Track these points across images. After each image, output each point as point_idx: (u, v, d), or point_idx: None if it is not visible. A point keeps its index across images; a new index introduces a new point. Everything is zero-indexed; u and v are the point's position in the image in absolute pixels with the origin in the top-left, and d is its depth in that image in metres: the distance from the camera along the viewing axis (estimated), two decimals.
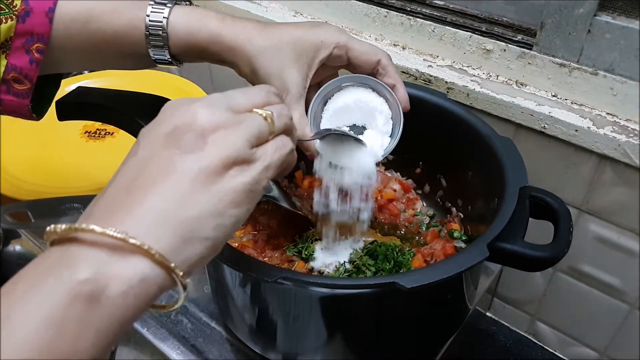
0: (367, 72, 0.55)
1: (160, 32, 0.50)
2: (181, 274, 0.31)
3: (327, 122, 0.57)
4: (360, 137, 0.55)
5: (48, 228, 0.30)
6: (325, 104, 0.57)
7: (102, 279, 0.28)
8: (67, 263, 0.29)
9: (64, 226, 0.29)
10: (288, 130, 0.39)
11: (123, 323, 0.29)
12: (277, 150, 0.37)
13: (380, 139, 0.56)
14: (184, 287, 0.32)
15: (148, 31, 0.50)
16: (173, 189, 0.31)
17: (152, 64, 0.54)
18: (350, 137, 0.54)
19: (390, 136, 0.56)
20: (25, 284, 0.28)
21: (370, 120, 0.56)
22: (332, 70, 0.57)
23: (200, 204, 0.32)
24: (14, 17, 0.47)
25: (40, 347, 0.26)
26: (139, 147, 0.34)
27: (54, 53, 0.50)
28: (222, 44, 0.51)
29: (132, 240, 0.29)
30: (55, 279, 0.28)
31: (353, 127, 0.57)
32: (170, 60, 0.53)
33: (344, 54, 0.53)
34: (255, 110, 0.37)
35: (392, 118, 0.56)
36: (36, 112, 0.55)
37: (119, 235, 0.29)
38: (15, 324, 0.26)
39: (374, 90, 0.56)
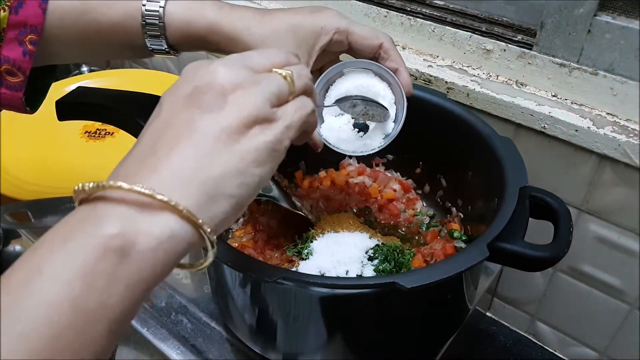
0: (369, 57, 0.54)
1: (157, 22, 0.50)
2: (209, 230, 0.31)
3: (330, 108, 0.56)
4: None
5: (76, 187, 0.30)
6: (327, 90, 0.56)
7: (131, 234, 0.28)
8: (96, 219, 0.29)
9: (91, 184, 0.30)
10: (308, 91, 0.39)
11: (152, 279, 0.29)
12: (298, 110, 0.36)
13: (380, 132, 0.56)
14: (212, 245, 0.32)
15: (144, 21, 0.50)
16: (196, 148, 0.32)
17: (149, 54, 0.53)
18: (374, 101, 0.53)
19: (394, 121, 0.56)
20: (55, 239, 0.28)
21: None
22: (333, 55, 0.56)
23: (224, 163, 0.32)
24: (6, 8, 0.47)
25: (73, 300, 0.26)
26: (161, 109, 0.34)
27: (48, 45, 0.50)
28: (221, 33, 0.51)
29: (159, 197, 0.29)
30: (84, 234, 0.28)
31: None
32: (167, 50, 0.52)
33: (344, 39, 0.53)
34: (274, 70, 0.37)
35: (395, 102, 0.55)
36: (30, 105, 0.54)
37: (146, 192, 0.29)
38: (47, 277, 0.27)
39: (376, 74, 0.55)
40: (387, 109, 0.54)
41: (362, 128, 0.57)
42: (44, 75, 0.55)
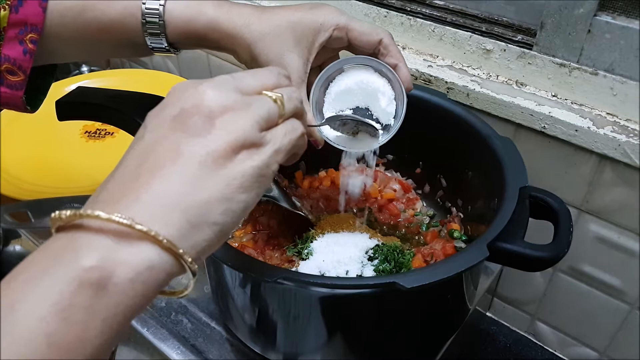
0: (369, 53, 0.54)
1: (157, 20, 0.50)
2: (190, 260, 0.30)
3: (330, 105, 0.56)
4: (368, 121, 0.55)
5: (53, 214, 0.29)
6: (327, 87, 0.56)
7: (108, 266, 0.28)
8: (73, 250, 0.28)
9: (69, 212, 0.29)
10: (298, 114, 0.38)
11: (131, 311, 0.29)
12: (288, 134, 0.36)
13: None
14: (194, 274, 0.31)
15: (144, 19, 0.50)
16: (180, 173, 0.31)
17: (149, 52, 0.53)
18: (364, 122, 0.53)
19: (394, 117, 0.56)
20: (31, 271, 0.28)
21: (373, 102, 0.55)
22: (332, 52, 0.56)
23: (209, 189, 0.31)
24: (6, 6, 0.47)
25: (48, 336, 0.26)
26: (145, 131, 0.33)
27: (48, 43, 0.50)
28: (221, 31, 0.51)
29: (138, 227, 0.28)
30: (61, 266, 0.27)
31: (356, 109, 0.56)
32: (167, 48, 0.52)
33: (344, 35, 0.53)
34: (264, 92, 0.36)
35: (395, 99, 0.55)
36: (30, 104, 0.54)
37: (125, 222, 0.28)
38: (22, 312, 0.26)
39: (376, 70, 0.55)
40: (377, 129, 0.54)
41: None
42: (45, 74, 0.55)
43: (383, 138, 0.56)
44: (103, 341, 0.27)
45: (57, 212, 0.29)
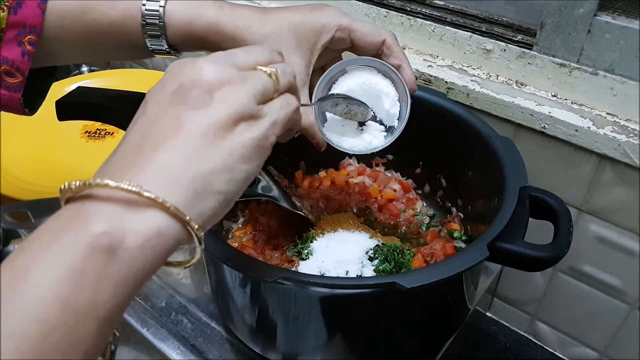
0: (372, 54, 0.54)
1: (157, 22, 0.50)
2: (196, 227, 0.31)
3: (332, 107, 0.56)
4: (367, 125, 0.55)
5: (62, 186, 0.30)
6: (329, 89, 0.56)
7: (118, 232, 0.28)
8: (83, 218, 0.29)
9: (78, 182, 0.30)
10: (293, 89, 0.39)
11: (141, 276, 0.29)
12: (283, 107, 0.37)
13: (381, 133, 0.56)
14: (200, 241, 0.32)
15: (144, 21, 0.50)
16: (183, 145, 0.32)
17: (149, 54, 0.53)
18: (355, 100, 0.53)
19: (397, 118, 0.55)
20: (43, 239, 0.28)
21: (376, 103, 0.55)
22: (335, 53, 0.56)
23: (211, 159, 0.32)
24: (5, 8, 0.46)
25: (62, 300, 0.26)
26: (146, 107, 0.34)
27: (48, 45, 0.49)
28: (222, 33, 0.50)
29: (146, 194, 0.29)
30: (72, 233, 0.28)
31: None
32: (168, 50, 0.52)
33: (346, 36, 0.53)
34: (259, 67, 0.37)
35: (398, 100, 0.55)
36: (29, 106, 0.54)
37: (133, 189, 0.29)
38: (35, 278, 0.27)
39: (379, 71, 0.55)
40: (368, 106, 0.54)
41: (364, 125, 0.57)
42: (44, 76, 0.55)
43: (387, 140, 0.56)
44: (114, 305, 0.28)
45: (66, 184, 0.30)
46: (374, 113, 0.56)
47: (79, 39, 0.51)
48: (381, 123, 0.56)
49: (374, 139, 0.56)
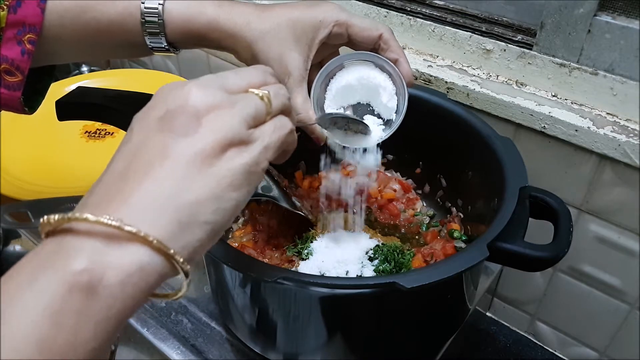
0: (369, 48, 0.54)
1: (156, 19, 0.50)
2: (181, 260, 0.30)
3: (331, 102, 0.56)
4: (364, 119, 0.54)
5: (42, 219, 0.29)
6: (327, 84, 0.56)
7: (98, 269, 0.27)
8: (62, 254, 0.28)
9: (57, 216, 0.28)
10: (286, 111, 0.38)
11: (123, 313, 0.28)
12: (276, 130, 0.36)
13: (379, 127, 0.56)
14: (186, 274, 0.31)
15: (144, 18, 0.49)
16: (168, 173, 0.30)
17: (148, 52, 0.53)
18: (355, 119, 0.53)
19: (395, 112, 0.56)
20: (20, 277, 0.27)
21: (374, 97, 0.55)
22: (332, 48, 0.56)
23: (198, 188, 0.31)
24: (4, 7, 0.46)
25: (40, 341, 0.25)
26: (132, 133, 0.33)
27: (47, 44, 0.49)
28: (221, 30, 0.50)
29: (127, 228, 0.28)
30: (51, 270, 0.27)
31: (357, 105, 0.56)
32: (167, 47, 0.52)
33: (344, 31, 0.53)
34: (251, 90, 0.36)
35: (396, 93, 0.55)
36: (28, 105, 0.54)
37: (113, 223, 0.28)
38: (12, 319, 0.26)
39: (376, 66, 0.55)
40: (368, 126, 0.54)
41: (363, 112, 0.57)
42: (43, 75, 0.55)
43: (385, 133, 0.56)
44: (96, 345, 0.27)
45: (45, 217, 0.29)
46: (372, 107, 0.56)
47: (78, 38, 0.51)
48: (379, 117, 0.56)
49: (372, 132, 0.56)
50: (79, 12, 0.49)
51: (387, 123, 0.56)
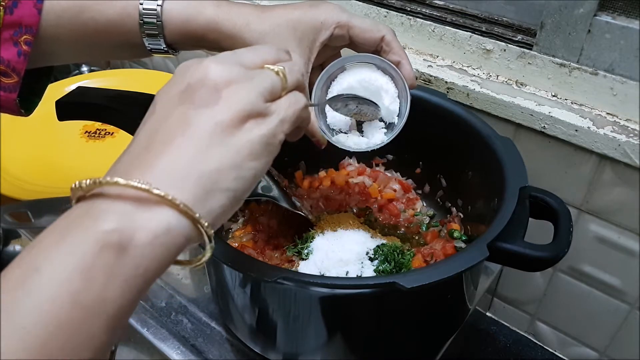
0: (371, 50, 0.54)
1: (155, 21, 0.49)
2: (206, 224, 0.31)
3: (342, 107, 0.56)
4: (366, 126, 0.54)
5: (73, 185, 0.30)
6: (329, 86, 0.56)
7: (128, 230, 0.29)
8: (93, 215, 0.29)
9: (89, 181, 0.30)
10: (300, 87, 0.40)
11: (150, 273, 0.30)
12: (291, 105, 0.37)
13: (381, 131, 0.56)
14: (209, 238, 0.32)
15: (142, 19, 0.49)
16: (191, 143, 0.32)
17: (147, 53, 0.53)
18: (365, 99, 0.53)
19: (397, 115, 0.55)
20: (53, 236, 0.29)
21: (376, 100, 0.54)
22: (334, 50, 0.56)
23: (219, 157, 0.32)
24: (1, 8, 0.46)
25: (71, 296, 0.27)
26: (155, 107, 0.35)
27: (44, 45, 0.49)
28: (220, 31, 0.50)
29: (156, 191, 0.29)
30: (82, 230, 0.28)
31: None
32: (166, 49, 0.52)
33: (345, 33, 0.52)
34: (266, 66, 0.37)
35: (398, 96, 0.55)
36: (25, 107, 0.53)
37: (143, 186, 0.29)
38: (45, 274, 0.27)
39: (378, 68, 0.55)
40: (378, 106, 0.54)
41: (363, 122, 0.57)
42: (40, 76, 0.54)
43: (387, 137, 0.56)
44: (124, 301, 0.29)
45: (77, 182, 0.30)
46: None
47: (76, 39, 0.50)
48: (381, 120, 0.56)
49: (374, 136, 0.56)
50: (76, 12, 0.49)
51: (388, 127, 0.56)
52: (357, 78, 0.54)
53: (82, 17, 0.49)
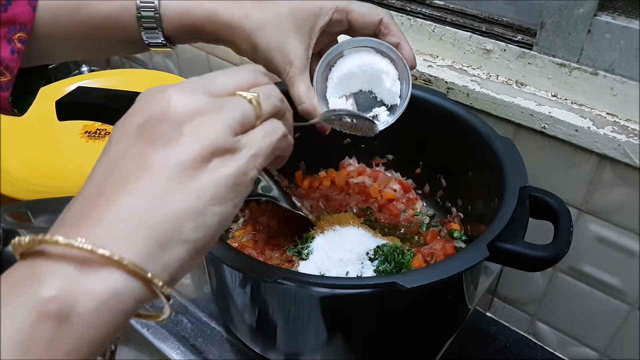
0: (370, 34, 0.54)
1: (153, 14, 0.49)
2: (160, 283, 0.28)
3: (333, 90, 0.56)
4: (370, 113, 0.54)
5: (13, 240, 0.27)
6: (328, 73, 0.56)
7: (70, 296, 0.26)
8: (33, 279, 0.26)
9: (27, 238, 0.27)
10: (279, 113, 0.35)
11: (97, 341, 0.27)
12: (267, 136, 0.33)
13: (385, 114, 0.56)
14: (167, 298, 0.29)
15: (140, 13, 0.49)
16: (145, 188, 0.28)
17: (145, 48, 0.52)
18: (360, 116, 0.53)
19: (399, 97, 0.55)
20: None
21: (377, 83, 0.55)
22: (331, 37, 0.55)
23: (177, 204, 0.28)
24: None
25: None
26: (111, 143, 0.31)
27: (40, 43, 0.48)
28: (219, 22, 0.50)
29: (100, 251, 0.26)
30: (21, 296, 0.26)
31: (359, 92, 0.56)
32: (164, 43, 0.51)
33: (344, 17, 0.52)
34: (238, 93, 0.33)
35: (399, 78, 0.55)
36: (18, 106, 0.53)
37: (86, 247, 0.26)
38: None
39: (377, 51, 0.54)
40: (375, 123, 0.54)
41: (366, 109, 0.57)
42: (34, 75, 0.54)
43: (391, 118, 0.55)
44: None
45: (16, 238, 0.27)
46: (375, 94, 0.56)
47: (72, 36, 0.50)
48: (383, 103, 0.56)
49: (377, 118, 0.56)
50: (73, 8, 0.49)
51: (391, 109, 0.56)
52: (357, 62, 0.54)
53: (79, 14, 0.49)
